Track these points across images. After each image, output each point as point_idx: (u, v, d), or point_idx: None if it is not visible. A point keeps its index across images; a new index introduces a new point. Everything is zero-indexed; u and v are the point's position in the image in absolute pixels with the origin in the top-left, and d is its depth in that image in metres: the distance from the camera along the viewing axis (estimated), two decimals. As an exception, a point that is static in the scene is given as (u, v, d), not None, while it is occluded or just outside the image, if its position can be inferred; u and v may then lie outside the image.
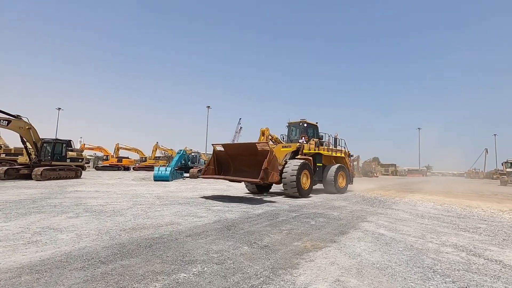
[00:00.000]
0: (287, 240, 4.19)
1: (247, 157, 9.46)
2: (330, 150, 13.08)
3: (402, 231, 5.07)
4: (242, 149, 9.80)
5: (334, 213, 6.97)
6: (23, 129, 14.90)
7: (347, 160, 14.15)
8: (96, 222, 5.15)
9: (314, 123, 13.23)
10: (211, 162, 10.22)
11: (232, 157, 10.13)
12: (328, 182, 12.16)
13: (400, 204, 9.28)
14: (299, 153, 11.51)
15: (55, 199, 8.02)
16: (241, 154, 9.77)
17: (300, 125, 12.96)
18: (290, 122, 13.49)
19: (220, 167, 10.33)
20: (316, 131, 13.21)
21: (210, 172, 10.05)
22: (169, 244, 3.83)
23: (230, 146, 10.00)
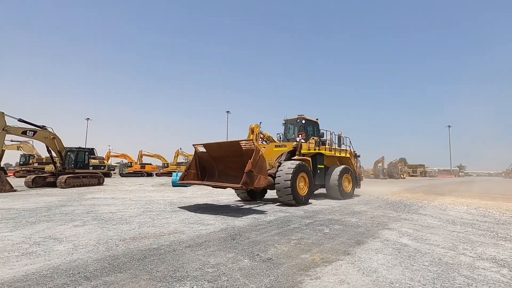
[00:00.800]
0: (294, 252, 3.77)
1: (232, 158, 7.99)
2: (333, 149, 11.60)
3: (429, 241, 4.47)
4: (225, 149, 8.24)
5: (352, 219, 6.41)
6: (48, 139, 15.52)
7: (353, 161, 12.69)
8: (100, 231, 5.01)
9: (314, 120, 11.95)
10: (192, 165, 8.88)
11: (216, 159, 8.74)
12: (331, 187, 10.65)
13: (428, 209, 8.47)
14: (296, 153, 10.16)
15: (69, 206, 8.11)
16: (225, 155, 8.33)
17: (298, 122, 11.58)
18: (287, 119, 12.07)
19: (204, 171, 9.01)
20: (316, 129, 11.82)
21: (191, 177, 8.69)
22: (165, 256, 3.55)
23: (212, 146, 8.39)
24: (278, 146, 10.28)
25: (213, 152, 8.59)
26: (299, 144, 10.26)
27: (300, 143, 10.31)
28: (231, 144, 7.90)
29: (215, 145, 8.31)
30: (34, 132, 14.64)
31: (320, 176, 10.71)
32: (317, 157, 10.67)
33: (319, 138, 10.92)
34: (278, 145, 10.36)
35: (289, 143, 10.57)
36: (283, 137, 12.07)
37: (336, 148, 11.78)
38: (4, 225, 5.43)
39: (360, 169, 13.84)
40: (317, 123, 12.06)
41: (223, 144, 8.23)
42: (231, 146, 7.92)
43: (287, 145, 10.40)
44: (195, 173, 8.77)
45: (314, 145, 10.65)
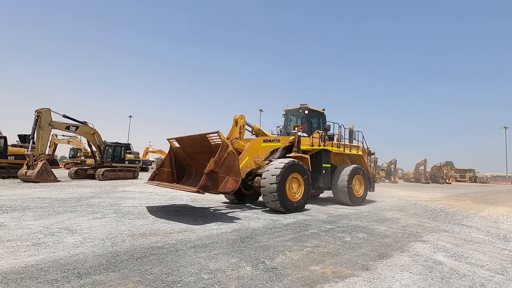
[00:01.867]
0: (304, 262, 3.37)
1: (205, 155, 6.43)
2: (342, 145, 9.84)
3: (471, 260, 3.77)
4: (197, 144, 6.92)
5: (381, 227, 5.77)
6: (88, 134, 16.63)
7: (366, 160, 10.74)
8: (114, 224, 5.05)
9: (319, 110, 10.29)
10: (165, 162, 7.63)
11: (191, 156, 7.44)
12: (339, 190, 9.11)
13: (474, 220, 7.43)
14: (293, 149, 8.75)
15: (98, 198, 8.46)
16: (198, 151, 7.01)
17: (300, 112, 9.96)
18: (287, 109, 10.47)
19: (183, 170, 7.82)
20: (322, 121, 10.17)
21: (164, 177, 7.40)
22: (165, 256, 3.38)
23: (184, 140, 7.16)
24: (268, 140, 8.22)
25: (186, 148, 7.37)
26: (296, 138, 8.78)
27: (297, 136, 8.80)
28: (201, 138, 6.60)
29: (186, 139, 7.13)
30: (76, 127, 15.76)
31: (326, 177, 9.15)
32: (322, 154, 9.14)
33: (324, 132, 9.30)
34: (268, 139, 8.34)
35: (284, 137, 8.97)
36: (283, 130, 10.46)
37: (346, 144, 10.08)
38: (33, 213, 5.74)
39: (374, 169, 12.00)
40: (323, 114, 10.41)
41: (194, 138, 6.89)
42: (201, 141, 6.63)
43: (282, 139, 8.70)
44: (169, 172, 7.60)
45: (319, 140, 9.10)
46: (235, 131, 8.07)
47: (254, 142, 7.79)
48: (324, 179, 9.09)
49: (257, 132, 9.13)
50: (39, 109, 13.89)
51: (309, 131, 9.75)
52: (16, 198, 7.72)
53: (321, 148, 9.09)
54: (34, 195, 8.62)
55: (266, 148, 8.14)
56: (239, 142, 7.89)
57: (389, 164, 41.19)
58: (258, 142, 7.91)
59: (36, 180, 12.87)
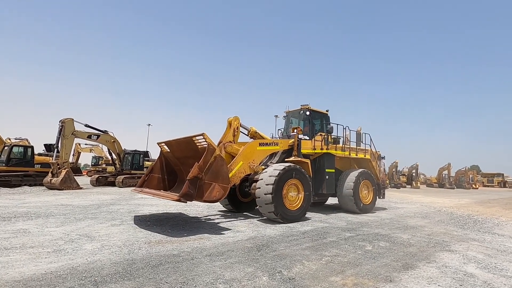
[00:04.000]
0: (323, 272, 3.23)
1: (196, 160, 5.72)
2: (347, 149, 9.25)
3: (507, 272, 3.48)
4: (185, 149, 6.49)
5: (404, 235, 5.49)
6: (109, 142, 17.17)
7: (374, 164, 10.06)
8: (132, 231, 5.09)
9: (322, 111, 9.69)
10: (155, 168, 7.15)
11: (182, 161, 7.00)
12: (344, 196, 8.55)
13: (506, 227, 6.94)
14: (293, 153, 8.15)
15: (117, 205, 8.63)
16: (188, 155, 6.53)
17: (301, 114, 9.37)
18: (288, 111, 9.93)
19: (174, 175, 7.35)
20: (325, 123, 9.54)
21: (154, 183, 6.97)
22: (180, 265, 3.34)
23: (173, 144, 6.77)
24: (264, 144, 7.64)
25: (176, 152, 7.00)
26: (296, 141, 8.17)
27: (296, 139, 8.17)
28: (188, 141, 6.19)
29: (175, 143, 6.75)
30: (98, 136, 16.31)
31: (330, 183, 8.53)
32: (325, 158, 8.57)
33: (328, 135, 8.75)
34: (265, 142, 7.75)
35: (284, 140, 8.38)
36: (284, 132, 9.90)
37: (352, 148, 9.50)
38: (55, 220, 5.91)
39: (384, 174, 11.22)
40: (327, 115, 9.78)
41: (182, 142, 6.47)
42: (189, 144, 6.20)
43: (281, 142, 8.11)
44: (159, 178, 7.16)
45: (322, 143, 8.59)
46: (228, 134, 7.57)
47: (249, 145, 7.25)
48: (328, 185, 8.50)
49: (254, 135, 8.63)
50: (63, 119, 14.52)
51: (311, 133, 9.14)
52: (41, 205, 8.01)
53: (324, 151, 8.56)
54: (58, 202, 8.92)
55: (263, 152, 7.59)
56: (232, 145, 7.41)
57: (410, 169, 39.73)
58: (253, 145, 7.34)
59: (60, 187, 13.36)
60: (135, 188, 6.81)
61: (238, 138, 7.77)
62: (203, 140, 5.79)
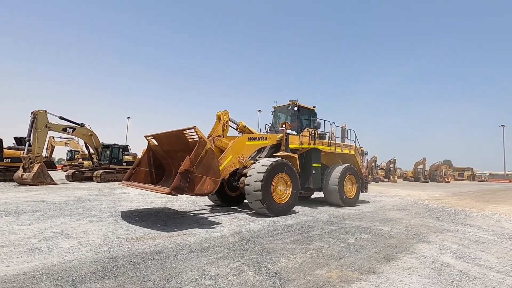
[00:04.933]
0: (308, 266, 3.25)
1: (184, 153, 5.79)
2: (333, 144, 9.58)
3: (479, 261, 3.67)
4: (175, 142, 6.44)
5: (384, 227, 5.67)
6: (86, 136, 16.48)
7: (358, 160, 10.44)
8: (111, 228, 4.91)
9: (310, 107, 9.92)
10: (143, 161, 7.05)
11: (170, 155, 6.96)
12: (330, 190, 8.78)
13: (477, 219, 7.34)
14: (281, 148, 8.22)
15: (96, 201, 8.31)
16: (177, 149, 6.51)
17: (289, 109, 9.60)
18: (276, 107, 10.09)
19: (162, 169, 7.29)
20: (313, 118, 9.77)
21: (141, 177, 6.86)
22: (164, 261, 3.25)
23: (161, 137, 6.71)
24: (253, 138, 7.68)
25: (164, 146, 6.90)
26: (284, 136, 8.26)
27: (284, 134, 8.26)
28: (178, 135, 6.12)
29: (164, 136, 6.66)
30: (73, 129, 15.60)
31: (316, 178, 8.79)
32: (312, 153, 8.81)
33: (315, 130, 9.02)
34: (254, 137, 7.78)
35: (272, 135, 8.43)
36: (272, 128, 10.00)
37: (337, 143, 9.84)
38: (28, 217, 5.59)
39: (367, 169, 11.58)
40: (314, 111, 10.02)
41: (171, 135, 6.39)
42: (178, 138, 6.15)
43: (269, 137, 8.12)
44: (146, 172, 7.07)
45: (309, 138, 8.84)
46: (217, 128, 7.53)
47: (238, 140, 7.28)
48: (315, 180, 8.75)
49: (243, 130, 8.61)
50: (35, 110, 13.72)
51: (299, 129, 9.32)
52: (11, 202, 7.55)
53: (311, 147, 8.81)
54: (30, 198, 8.46)
55: (252, 146, 7.65)
56: (222, 139, 7.39)
57: (388, 164, 41.13)
58: (242, 140, 7.38)
59: (32, 183, 12.69)
60: (123, 182, 6.68)
61: (227, 132, 7.75)
62: (194, 134, 5.71)
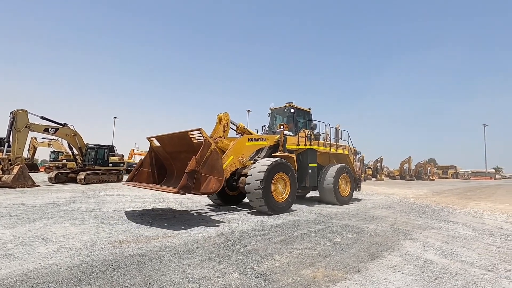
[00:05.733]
0: (294, 266, 3.23)
1: (189, 154, 6.02)
2: (328, 145, 9.86)
3: (461, 257, 3.74)
4: (178, 143, 6.62)
5: (370, 226, 5.73)
6: (69, 136, 15.99)
7: (351, 159, 10.77)
8: (94, 231, 4.76)
9: (305, 109, 10.26)
10: (145, 162, 7.22)
11: (172, 155, 7.14)
12: (325, 189, 9.02)
13: (460, 215, 7.53)
14: (279, 148, 8.45)
15: (78, 203, 8.06)
16: (180, 150, 6.72)
17: (286, 111, 9.88)
18: (273, 108, 10.35)
19: (163, 170, 7.49)
20: (308, 120, 10.13)
21: (144, 178, 7.04)
22: (146, 265, 3.16)
23: (164, 139, 6.90)
24: (253, 139, 7.99)
25: (167, 147, 7.07)
26: (282, 137, 8.50)
27: (282, 135, 8.50)
28: (182, 136, 6.30)
29: (167, 138, 6.85)
30: (56, 129, 15.11)
31: (312, 177, 9.07)
32: (308, 153, 9.07)
33: (311, 131, 9.31)
34: (254, 138, 8.10)
35: (270, 136, 8.68)
36: (269, 129, 10.27)
37: (332, 144, 10.09)
38: (5, 221, 5.36)
39: (360, 169, 12.10)
40: (310, 113, 10.37)
41: (175, 136, 6.56)
42: (182, 139, 6.34)
43: (268, 138, 8.39)
44: (149, 172, 7.24)
45: (305, 139, 9.10)
46: (218, 130, 7.76)
47: (239, 141, 7.49)
48: (311, 179, 9.00)
49: (242, 131, 8.84)
50: (15, 110, 13.22)
51: (295, 130, 9.61)
52: (-12, 205, 7.23)
53: (308, 147, 9.04)
54: (9, 201, 8.13)
55: (251, 147, 7.89)
56: (223, 141, 7.58)
57: (375, 163, 41.87)
58: (242, 141, 7.63)
59: (12, 185, 12.21)
60: (127, 182, 6.87)
61: (228, 133, 8.01)
62: (199, 135, 5.91)
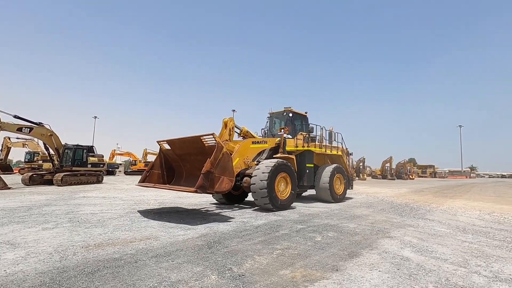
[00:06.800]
0: (273, 266, 3.21)
1: (199, 157, 6.82)
2: (323, 146, 10.44)
3: (436, 254, 3.85)
4: (189, 146, 7.14)
5: (351, 224, 5.81)
6: (45, 136, 15.30)
7: (345, 159, 11.51)
8: (68, 235, 4.56)
9: (302, 113, 10.87)
10: (155, 164, 7.72)
11: (182, 158, 7.66)
12: (321, 188, 9.59)
13: (436, 213, 7.79)
14: (279, 150, 9.04)
15: (53, 206, 7.72)
16: (191, 153, 7.26)
17: (284, 115, 10.54)
18: (272, 112, 10.99)
19: (172, 172, 7.95)
20: (305, 123, 10.77)
21: (154, 178, 7.50)
22: (121, 269, 3.05)
23: (176, 142, 7.35)
24: (256, 142, 8.66)
25: (177, 150, 7.53)
26: (282, 140, 9.10)
27: (283, 138, 9.13)
28: (194, 140, 6.80)
29: (178, 142, 7.27)
30: (30, 129, 14.40)
31: (309, 177, 9.63)
32: (305, 155, 9.67)
33: (308, 134, 9.87)
34: (257, 141, 8.79)
35: (271, 139, 9.26)
36: (268, 132, 10.87)
37: (327, 145, 10.69)
38: (-30, 226, 5.03)
39: (352, 169, 12.87)
40: (306, 116, 11.00)
41: (186, 140, 7.06)
42: (194, 143, 6.84)
43: (269, 141, 9.02)
44: (159, 174, 7.69)
45: (303, 141, 9.72)
46: (225, 133, 8.34)
47: (244, 143, 8.12)
48: (308, 178, 9.55)
49: (245, 134, 9.46)
50: (-15, 109, 12.52)
51: (293, 133, 10.18)
52: (-47, 210, 6.79)
53: (305, 149, 9.64)
54: (-24, 205, 7.66)
55: (255, 149, 8.55)
56: (228, 144, 7.98)
57: (358, 162, 42.72)
58: (247, 143, 8.26)
59: (-19, 188, 11.55)
60: (140, 183, 7.23)
61: (233, 137, 8.65)
62: (212, 139, 6.43)
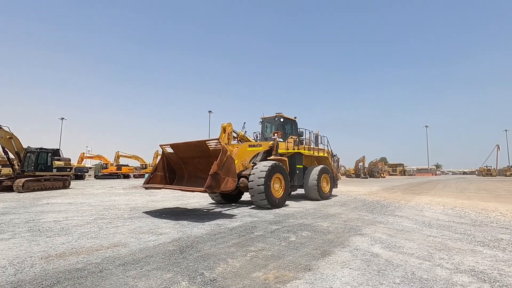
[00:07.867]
0: (246, 269, 3.17)
1: (202, 159, 7.47)
2: (311, 149, 11.23)
3: (403, 249, 4.01)
4: (193, 150, 7.65)
5: (324, 223, 5.92)
6: (3, 139, 14.21)
7: (330, 161, 12.36)
8: (26, 245, 4.22)
9: (292, 118, 11.65)
10: (159, 167, 8.22)
11: (184, 161, 8.17)
12: (309, 187, 10.31)
13: (404, 210, 8.16)
14: (272, 153, 9.65)
15: (12, 214, 7.15)
16: (194, 156, 7.77)
17: (276, 120, 11.21)
18: (264, 117, 11.71)
19: (173, 174, 8.43)
20: (295, 127, 11.56)
21: (157, 180, 8.01)
22: (84, 280, 2.86)
23: (179, 146, 7.82)
24: (252, 145, 9.52)
25: (180, 153, 8.02)
26: (275, 143, 9.72)
27: (276, 142, 9.74)
28: (198, 144, 7.33)
29: (182, 146, 7.74)
30: (-14, 131, 13.31)
31: (299, 177, 10.32)
32: (296, 157, 10.31)
33: (298, 137, 10.63)
34: (253, 144, 9.66)
35: (265, 142, 10.00)
36: (261, 136, 11.60)
37: (314, 148, 11.42)
38: None
39: (337, 169, 13.71)
40: (295, 121, 11.73)
41: (191, 144, 7.57)
42: (198, 147, 7.37)
43: (263, 144, 9.77)
44: (162, 176, 8.17)
45: (293, 144, 10.38)
46: (224, 137, 9.07)
47: (242, 147, 8.87)
48: (298, 179, 10.23)
49: (242, 138, 10.29)
50: None
51: (284, 136, 10.84)
52: None
53: (296, 151, 10.31)
54: None
55: (251, 152, 9.32)
56: (227, 147, 8.21)
57: (332, 162, 43.94)
58: (245, 147, 9.09)
59: None
60: (146, 185, 7.70)
61: (231, 141, 9.46)
62: (217, 143, 6.97)
